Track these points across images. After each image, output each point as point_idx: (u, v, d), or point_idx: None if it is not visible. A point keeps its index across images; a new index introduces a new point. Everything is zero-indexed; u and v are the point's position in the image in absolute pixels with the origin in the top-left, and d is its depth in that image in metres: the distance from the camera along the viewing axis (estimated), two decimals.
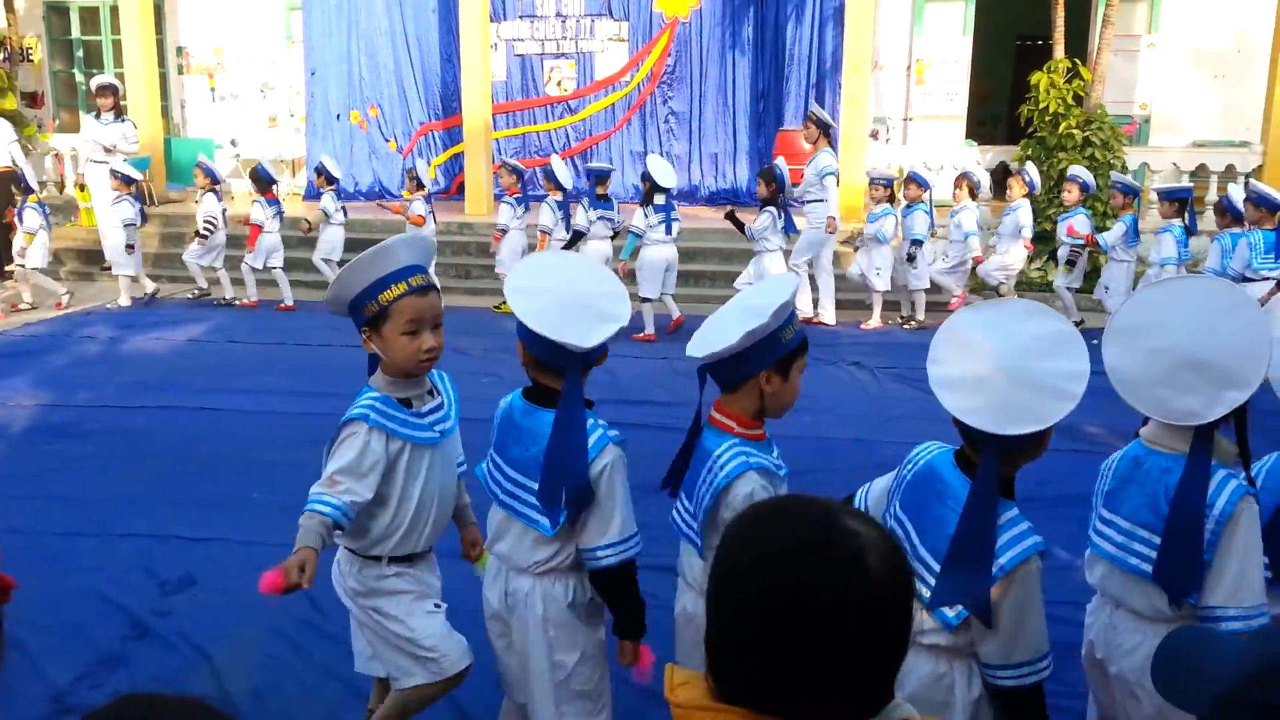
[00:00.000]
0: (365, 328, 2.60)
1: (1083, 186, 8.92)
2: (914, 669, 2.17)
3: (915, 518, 2.22)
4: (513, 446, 2.57)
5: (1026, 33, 15.44)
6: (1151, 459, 2.34)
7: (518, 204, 9.86)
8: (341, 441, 2.58)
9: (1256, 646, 1.03)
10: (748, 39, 13.40)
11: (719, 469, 2.34)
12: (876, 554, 1.17)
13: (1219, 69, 12.85)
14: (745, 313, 2.32)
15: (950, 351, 2.16)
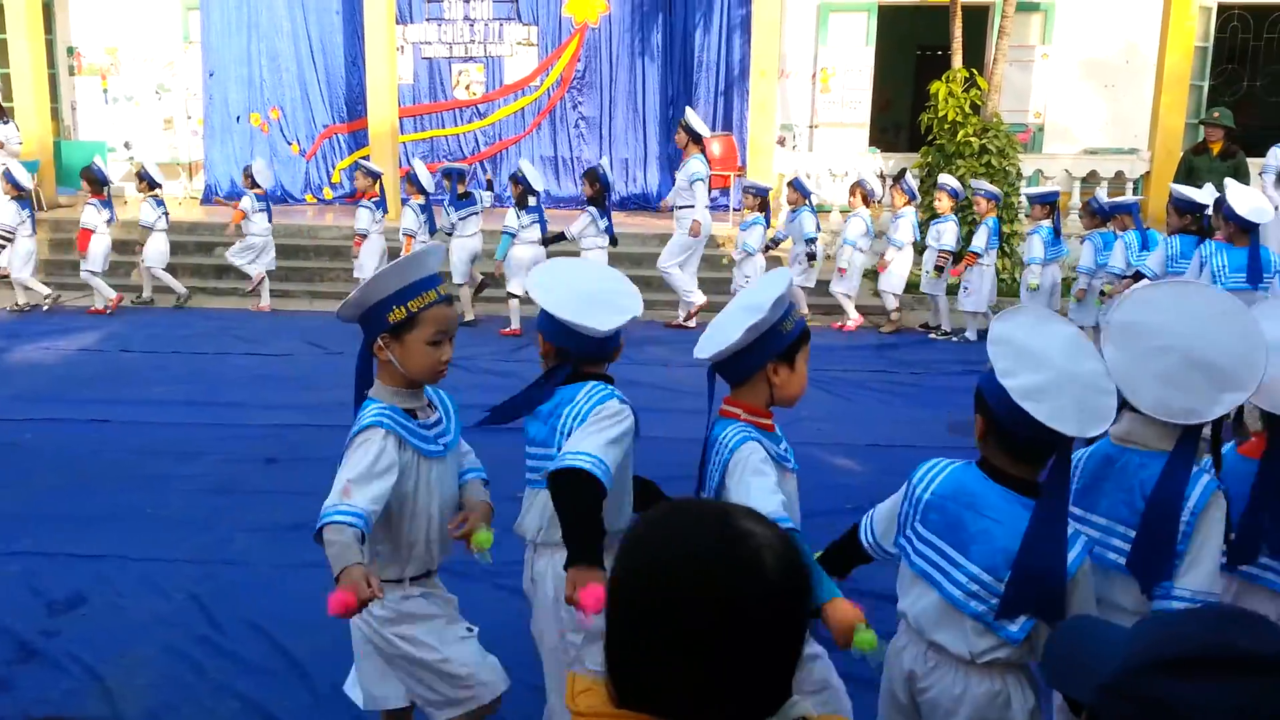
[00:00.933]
0: (384, 334, 2.55)
1: (951, 194, 9.24)
2: (969, 689, 2.18)
3: (952, 536, 2.21)
4: (534, 426, 2.75)
5: (927, 43, 15.84)
6: (1126, 456, 2.36)
7: (376, 208, 9.94)
8: (355, 449, 2.48)
9: (1140, 637, 1.05)
10: (657, 45, 13.47)
11: (724, 447, 2.43)
12: (773, 554, 1.17)
13: (1109, 79, 13.38)
14: (745, 310, 2.41)
15: (1014, 362, 2.14)
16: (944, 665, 2.23)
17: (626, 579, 1.20)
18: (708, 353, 2.47)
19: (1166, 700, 0.97)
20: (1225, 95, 13.70)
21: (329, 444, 5.99)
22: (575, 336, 2.61)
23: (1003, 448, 2.18)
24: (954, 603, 2.18)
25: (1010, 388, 2.09)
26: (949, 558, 2.20)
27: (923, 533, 2.28)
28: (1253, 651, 0.97)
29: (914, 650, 2.30)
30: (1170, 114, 11.56)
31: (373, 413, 2.53)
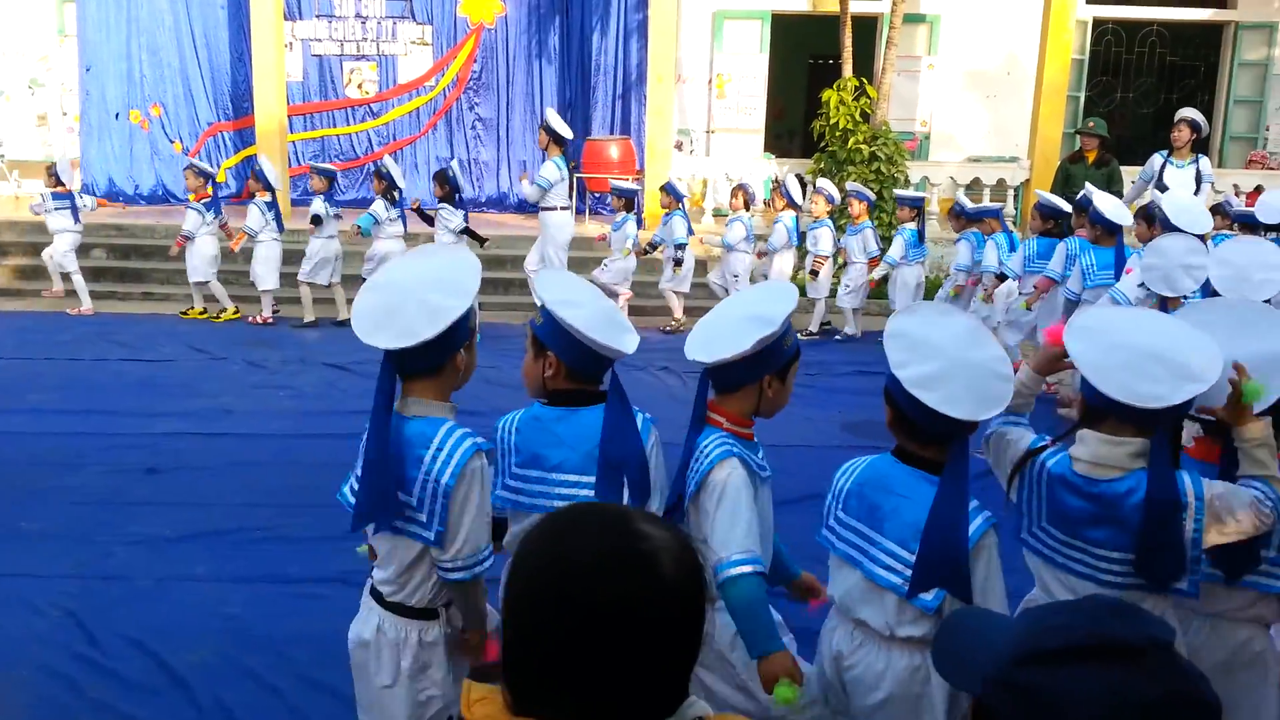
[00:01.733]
0: (464, 343, 2.43)
1: (828, 199, 9.46)
2: (891, 665, 2.29)
3: (869, 518, 2.34)
4: (554, 452, 2.54)
5: (818, 52, 16.17)
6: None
7: (206, 209, 9.77)
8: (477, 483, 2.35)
9: (1023, 629, 1.09)
10: (554, 48, 13.43)
11: (704, 457, 2.43)
12: (670, 556, 1.17)
13: (991, 90, 13.87)
14: (754, 320, 2.39)
15: (907, 353, 2.26)
16: (868, 643, 2.35)
17: (522, 583, 1.19)
18: (709, 357, 2.44)
19: (1048, 689, 1.00)
20: (1100, 106, 14.35)
21: (213, 453, 5.85)
22: (589, 355, 2.50)
23: (908, 433, 2.32)
24: (873, 578, 2.30)
25: (902, 378, 2.23)
26: (867, 538, 2.33)
27: (844, 519, 2.40)
28: (1126, 640, 1.01)
29: (841, 631, 2.42)
30: (1048, 124, 12.05)
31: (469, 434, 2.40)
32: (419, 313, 2.29)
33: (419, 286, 2.33)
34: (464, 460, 2.30)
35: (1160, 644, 1.02)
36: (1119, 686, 0.97)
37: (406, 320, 2.29)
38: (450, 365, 2.41)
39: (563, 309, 2.46)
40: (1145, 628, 1.03)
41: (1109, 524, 2.31)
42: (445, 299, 2.31)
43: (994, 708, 1.04)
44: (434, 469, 2.31)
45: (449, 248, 2.65)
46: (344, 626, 4.06)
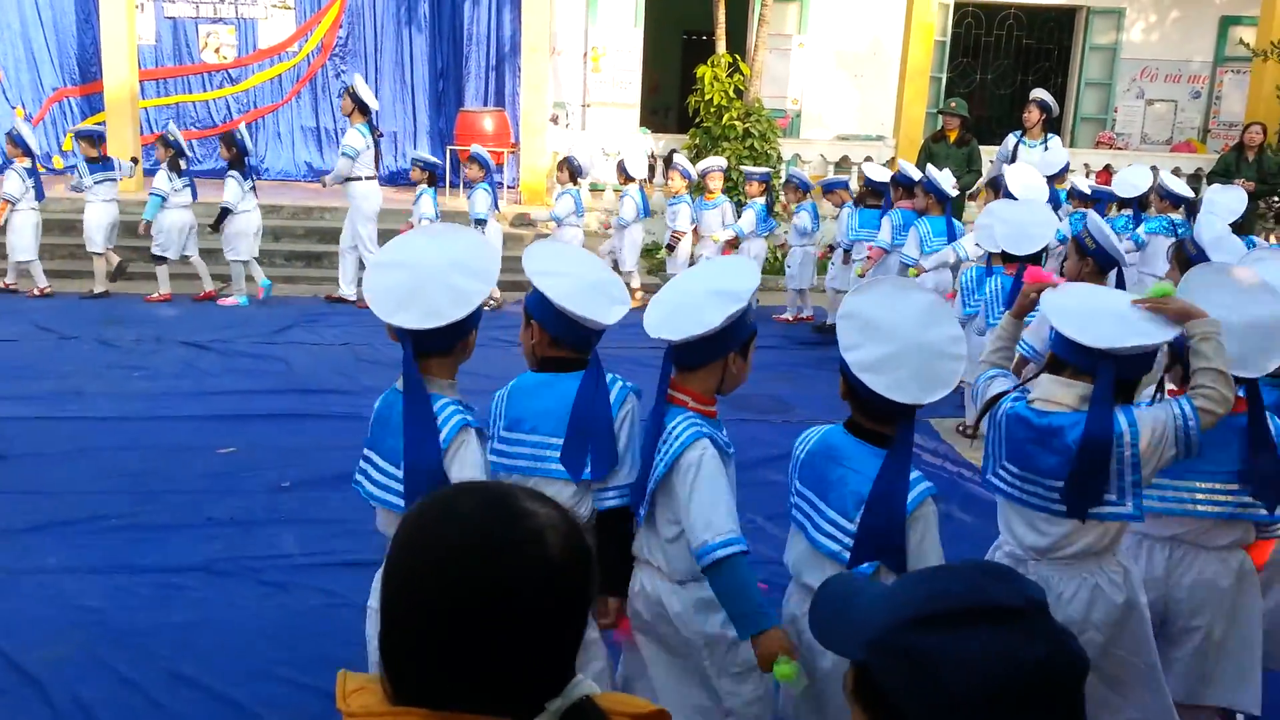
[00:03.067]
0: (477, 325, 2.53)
1: (683, 174, 9.47)
2: None
3: (817, 487, 2.40)
4: (531, 415, 2.64)
5: (692, 28, 16.24)
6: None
7: (28, 175, 9.20)
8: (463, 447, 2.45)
9: (904, 593, 1.10)
10: (424, 15, 13.09)
11: (674, 439, 2.42)
12: (556, 534, 1.15)
13: (858, 69, 14.20)
14: (720, 295, 2.39)
15: (858, 336, 2.29)
16: None
17: (403, 567, 1.15)
18: (676, 334, 2.42)
19: (930, 652, 1.01)
20: (961, 87, 14.86)
21: (63, 438, 5.52)
22: (573, 326, 2.57)
23: (858, 408, 2.37)
24: (816, 546, 2.37)
25: (850, 361, 2.28)
26: (815, 506, 2.40)
27: (799, 488, 2.47)
28: (1005, 602, 1.03)
29: (796, 597, 2.51)
30: (912, 104, 12.40)
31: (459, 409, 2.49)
32: (445, 295, 2.37)
33: (443, 268, 2.40)
34: (450, 435, 2.40)
35: (1036, 604, 1.05)
36: (999, 646, 1.00)
37: (432, 301, 2.36)
38: (461, 346, 2.51)
39: (542, 279, 2.55)
40: (1022, 589, 1.06)
41: (1054, 454, 2.48)
42: (470, 282, 2.41)
43: (876, 672, 1.06)
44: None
45: (463, 230, 2.68)
46: (209, 617, 3.92)
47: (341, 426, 5.95)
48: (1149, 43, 14.62)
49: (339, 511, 4.73)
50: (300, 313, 8.87)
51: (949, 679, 0.99)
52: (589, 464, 2.57)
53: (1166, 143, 14.67)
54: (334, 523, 4.61)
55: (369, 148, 9.16)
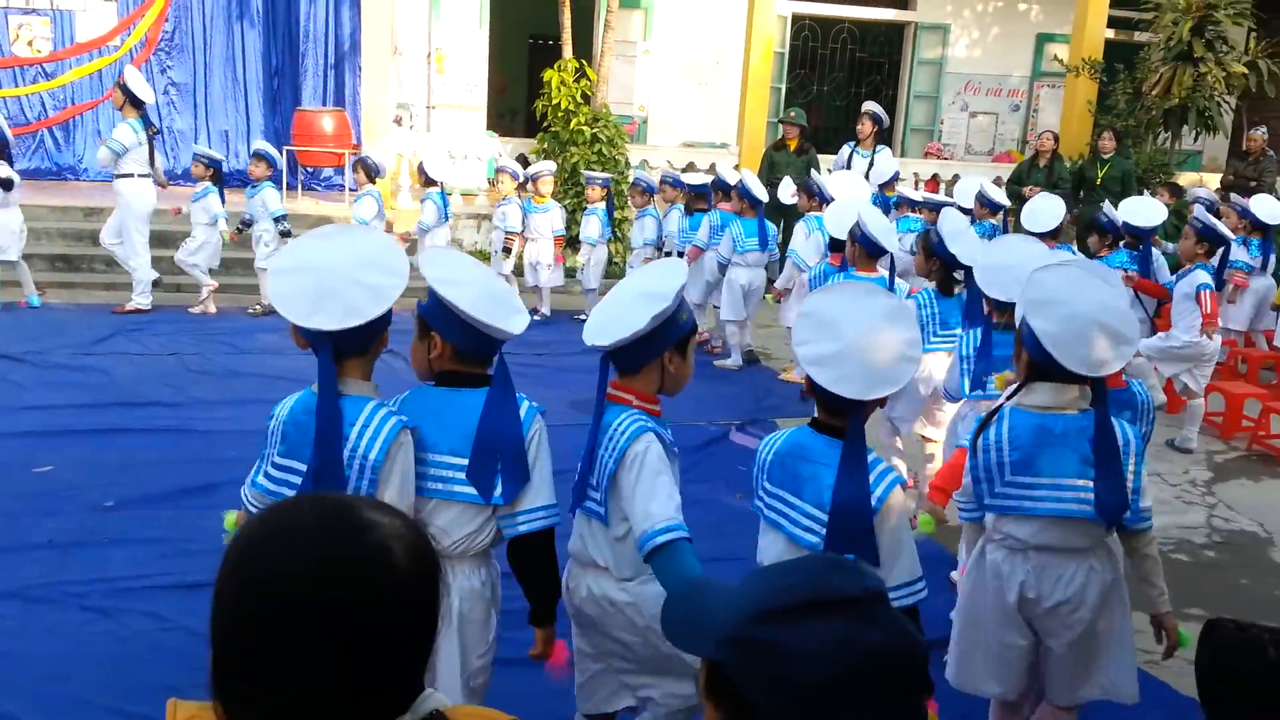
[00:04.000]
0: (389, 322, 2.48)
1: (512, 176, 9.40)
2: None
3: (790, 485, 2.47)
4: (432, 433, 2.50)
5: (539, 32, 16.20)
6: (1062, 422, 2.72)
7: None
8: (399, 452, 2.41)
9: (753, 590, 1.12)
10: (257, 10, 12.58)
11: (620, 434, 2.43)
12: (402, 545, 1.11)
13: (702, 78, 14.46)
14: (645, 298, 2.42)
15: (812, 333, 2.39)
16: None
17: (235, 589, 1.08)
18: (607, 340, 2.44)
19: (777, 644, 1.03)
20: (799, 97, 15.33)
21: None
22: (479, 336, 2.46)
23: (820, 405, 2.47)
24: (794, 539, 2.45)
25: (800, 355, 2.40)
26: (789, 503, 2.48)
27: (769, 488, 2.54)
28: (847, 592, 1.07)
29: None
30: (754, 113, 12.73)
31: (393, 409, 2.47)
32: (359, 292, 2.35)
33: (350, 267, 2.37)
34: (391, 437, 2.36)
35: (876, 594, 1.09)
36: (843, 634, 1.03)
37: (348, 300, 2.34)
38: (377, 344, 2.49)
39: (445, 287, 2.42)
40: (862, 580, 1.10)
41: (1064, 452, 2.70)
42: (384, 278, 2.39)
43: (728, 668, 1.07)
44: (360, 446, 2.35)
45: (360, 229, 2.64)
46: (25, 648, 3.64)
47: (170, 441, 5.65)
48: (972, 58, 15.47)
49: (168, 530, 4.48)
50: (124, 321, 8.37)
51: (796, 668, 1.02)
52: (499, 485, 2.46)
53: (989, 153, 15.55)
54: (163, 542, 4.37)
55: (141, 144, 8.59)
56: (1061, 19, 14.47)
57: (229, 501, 4.79)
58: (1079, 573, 2.78)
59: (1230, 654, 1.04)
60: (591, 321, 2.53)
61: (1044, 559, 2.80)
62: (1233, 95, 11.76)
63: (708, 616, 1.12)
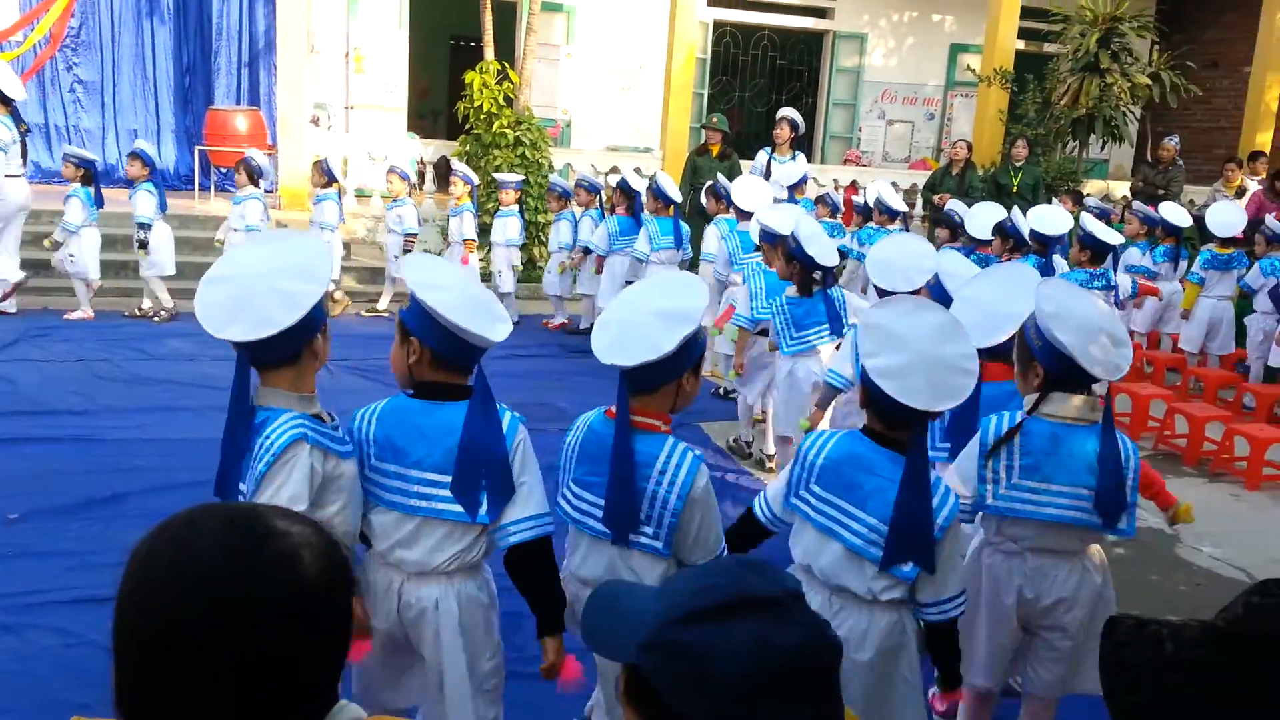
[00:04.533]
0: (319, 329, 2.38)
1: (465, 180, 9.28)
2: (874, 623, 2.51)
3: (849, 495, 2.51)
4: (414, 447, 2.44)
5: (460, 33, 16.06)
6: (1074, 432, 2.80)
7: None
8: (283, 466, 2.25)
9: (671, 594, 1.12)
10: (168, 7, 12.25)
11: (678, 470, 2.45)
12: (312, 553, 1.08)
13: (625, 82, 14.49)
14: (667, 317, 2.43)
15: (879, 345, 2.46)
16: (849, 607, 2.54)
17: (136, 602, 1.04)
18: (630, 360, 2.43)
19: (697, 646, 1.04)
20: (721, 103, 15.47)
21: None
22: (460, 344, 2.40)
23: (877, 415, 2.53)
24: (856, 550, 2.49)
25: (869, 367, 2.44)
26: (848, 513, 2.50)
27: (820, 493, 2.56)
28: (765, 593, 1.07)
29: (817, 599, 2.57)
30: (677, 118, 12.79)
31: (291, 423, 2.28)
32: (273, 300, 2.25)
33: (268, 274, 2.29)
34: (280, 449, 2.24)
35: (793, 594, 1.10)
36: (762, 635, 1.04)
37: (261, 309, 2.24)
38: (307, 353, 2.37)
39: (427, 291, 2.37)
40: (780, 581, 1.11)
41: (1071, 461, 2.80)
42: (299, 284, 2.29)
43: (648, 672, 1.07)
44: (257, 457, 2.25)
45: (292, 234, 2.51)
46: None
47: (78, 450, 5.45)
48: (888, 67, 15.78)
49: (77, 543, 4.33)
50: (29, 326, 8.06)
51: (715, 670, 1.02)
52: (483, 501, 2.41)
53: (905, 160, 15.88)
54: (71, 555, 4.21)
55: (15, 141, 8.27)
56: (974, 30, 14.85)
57: (138, 512, 4.66)
58: (1073, 573, 2.90)
59: (1130, 649, 1.07)
60: (604, 338, 2.52)
61: (1041, 560, 2.90)
62: (1137, 105, 12.20)
63: (628, 621, 1.12)
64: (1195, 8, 15.41)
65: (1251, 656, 0.99)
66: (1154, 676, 1.03)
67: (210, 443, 2.50)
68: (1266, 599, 1.02)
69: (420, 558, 2.45)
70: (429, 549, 2.44)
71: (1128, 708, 1.05)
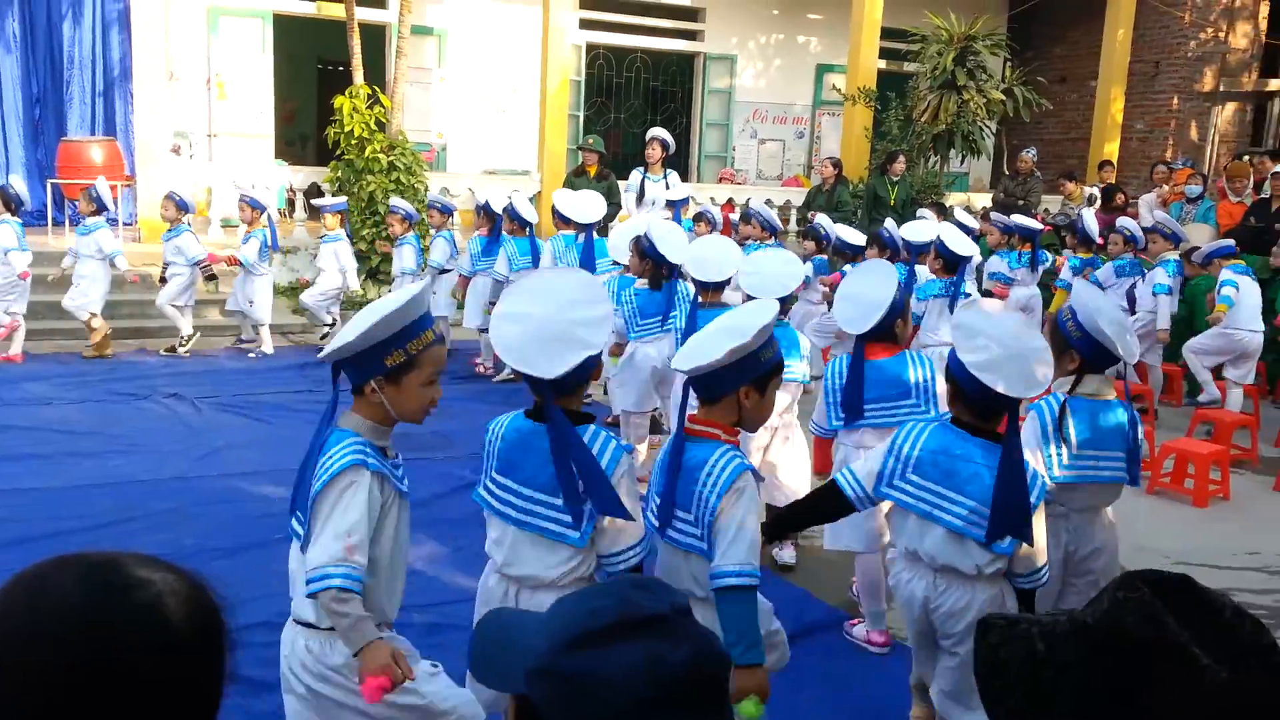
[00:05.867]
0: (379, 378, 2.35)
1: (250, 204, 8.95)
2: (975, 596, 2.83)
3: (949, 482, 2.82)
4: (526, 466, 2.55)
5: (328, 57, 15.75)
6: (1110, 407, 3.35)
7: None
8: (342, 492, 2.26)
9: (560, 618, 1.09)
10: (14, 34, 11.65)
11: (721, 469, 2.48)
12: (178, 600, 1.02)
13: (500, 104, 14.45)
14: (729, 332, 2.52)
15: (968, 343, 2.78)
16: (953, 584, 2.87)
17: None
18: (687, 366, 2.54)
19: (589, 669, 1.02)
20: (598, 125, 15.57)
21: None
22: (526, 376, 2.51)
23: (968, 407, 2.85)
24: (958, 531, 2.80)
25: (967, 362, 2.74)
26: (948, 498, 2.82)
27: (918, 481, 2.87)
28: (653, 611, 1.06)
29: (922, 581, 2.93)
30: (554, 140, 12.81)
31: (352, 448, 2.30)
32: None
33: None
34: (337, 471, 2.27)
35: (681, 609, 1.09)
36: (653, 653, 1.02)
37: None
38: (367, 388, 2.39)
39: (496, 323, 2.51)
40: (668, 597, 1.10)
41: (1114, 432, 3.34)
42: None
43: (537, 700, 1.04)
44: (316, 476, 2.30)
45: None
46: None
47: None
48: (758, 88, 16.16)
49: None
50: None
51: (606, 692, 1.01)
52: (585, 524, 2.50)
53: (778, 178, 16.26)
54: None
55: None
56: (838, 51, 15.33)
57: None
58: (1103, 525, 3.44)
59: (1002, 649, 1.09)
60: (684, 348, 2.68)
61: (1082, 519, 3.39)
62: (993, 120, 12.78)
63: (515, 651, 1.10)
64: (1043, 26, 16.27)
65: (1118, 652, 1.02)
66: (1028, 677, 1.05)
67: (70, 491, 2.36)
68: (1131, 594, 1.04)
69: (531, 571, 2.58)
70: (538, 562, 2.57)
71: (1006, 710, 1.06)
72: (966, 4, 14.00)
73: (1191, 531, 5.67)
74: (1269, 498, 6.36)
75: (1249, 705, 0.98)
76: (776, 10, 15.99)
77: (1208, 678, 0.97)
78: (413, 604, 4.04)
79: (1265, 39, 15.05)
